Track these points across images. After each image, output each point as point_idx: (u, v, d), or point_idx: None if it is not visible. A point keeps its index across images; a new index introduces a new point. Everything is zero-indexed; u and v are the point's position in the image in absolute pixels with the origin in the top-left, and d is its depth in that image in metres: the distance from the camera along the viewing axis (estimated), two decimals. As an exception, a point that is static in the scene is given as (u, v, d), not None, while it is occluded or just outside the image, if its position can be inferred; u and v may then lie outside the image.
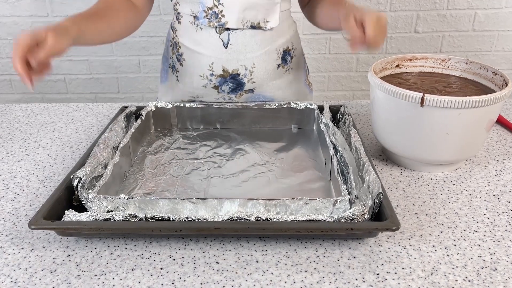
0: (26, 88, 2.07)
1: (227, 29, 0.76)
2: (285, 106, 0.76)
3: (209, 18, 0.75)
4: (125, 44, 1.79)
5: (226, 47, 0.77)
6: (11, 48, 1.79)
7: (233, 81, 0.80)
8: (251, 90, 0.83)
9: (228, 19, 0.75)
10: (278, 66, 0.82)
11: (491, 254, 0.49)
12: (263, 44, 0.79)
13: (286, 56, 0.84)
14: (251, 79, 0.80)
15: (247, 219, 0.49)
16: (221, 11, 0.74)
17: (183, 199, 0.51)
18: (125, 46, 1.79)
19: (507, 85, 0.62)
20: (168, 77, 0.89)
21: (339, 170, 0.58)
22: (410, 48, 1.79)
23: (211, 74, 0.80)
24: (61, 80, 1.87)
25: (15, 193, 0.62)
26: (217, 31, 0.77)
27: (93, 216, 0.49)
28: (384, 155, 0.70)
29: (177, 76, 0.86)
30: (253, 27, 0.76)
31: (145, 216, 0.49)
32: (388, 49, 1.78)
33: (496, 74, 0.67)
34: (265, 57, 0.80)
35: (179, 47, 0.83)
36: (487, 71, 0.69)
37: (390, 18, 1.73)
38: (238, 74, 0.80)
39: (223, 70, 0.79)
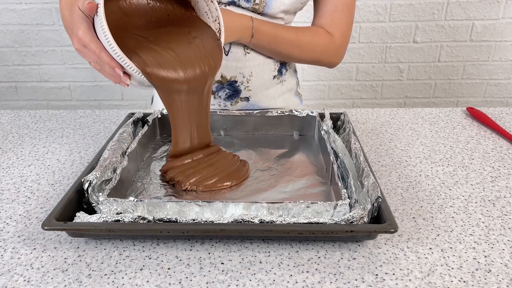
0: (31, 94, 2.09)
1: None
2: (287, 113, 0.79)
3: None
4: (129, 52, 1.82)
5: (226, 55, 0.80)
6: (17, 55, 1.83)
7: (230, 88, 0.82)
8: (247, 98, 0.85)
9: None
10: (274, 77, 0.85)
11: (485, 256, 0.51)
12: (263, 54, 0.82)
13: (282, 69, 0.86)
14: (247, 86, 0.82)
15: (251, 221, 0.51)
16: None
17: (190, 202, 0.53)
18: (129, 54, 1.82)
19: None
20: None
21: (339, 175, 0.60)
22: (409, 57, 1.82)
23: None
24: (66, 87, 1.90)
25: (26, 196, 0.64)
26: None
27: (103, 217, 0.51)
28: (382, 162, 0.73)
29: None
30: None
31: (153, 218, 0.51)
32: (387, 58, 1.81)
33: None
34: (263, 67, 0.83)
35: None
36: None
37: (390, 29, 1.76)
38: (236, 81, 0.82)
39: (221, 77, 0.82)
